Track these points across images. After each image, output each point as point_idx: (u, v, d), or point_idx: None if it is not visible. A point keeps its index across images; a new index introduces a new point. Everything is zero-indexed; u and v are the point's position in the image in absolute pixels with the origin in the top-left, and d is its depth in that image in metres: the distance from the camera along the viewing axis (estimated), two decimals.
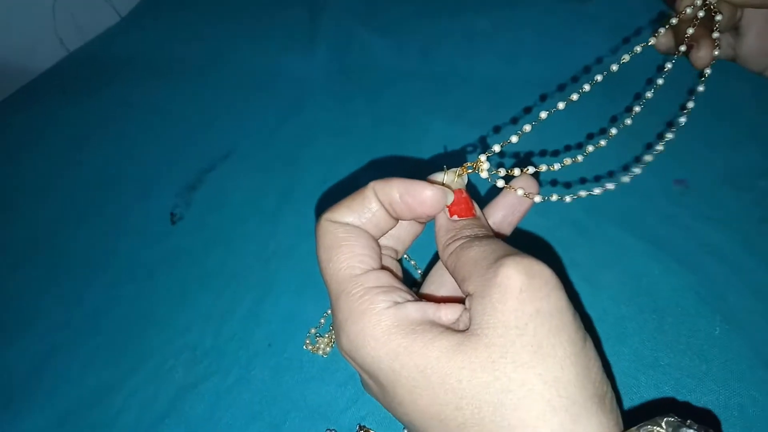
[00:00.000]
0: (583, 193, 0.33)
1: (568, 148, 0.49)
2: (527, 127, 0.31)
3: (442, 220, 0.28)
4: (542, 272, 0.23)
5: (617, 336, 0.35)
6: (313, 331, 0.42)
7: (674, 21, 0.35)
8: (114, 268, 0.52)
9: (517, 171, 0.30)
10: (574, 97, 0.33)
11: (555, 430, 0.20)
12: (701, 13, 0.35)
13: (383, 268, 0.27)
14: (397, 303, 0.25)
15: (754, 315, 0.35)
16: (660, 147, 0.34)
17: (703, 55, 0.37)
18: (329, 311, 0.42)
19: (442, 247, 0.28)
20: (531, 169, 0.30)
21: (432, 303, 0.25)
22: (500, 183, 0.30)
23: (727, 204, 0.41)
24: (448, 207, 0.28)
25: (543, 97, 0.55)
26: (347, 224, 0.27)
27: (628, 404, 0.33)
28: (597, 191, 0.33)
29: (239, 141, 0.60)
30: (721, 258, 0.38)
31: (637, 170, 0.35)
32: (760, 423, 0.31)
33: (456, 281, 0.26)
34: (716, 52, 0.37)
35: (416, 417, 0.23)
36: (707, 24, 0.37)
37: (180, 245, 0.52)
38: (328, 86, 0.64)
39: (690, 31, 0.35)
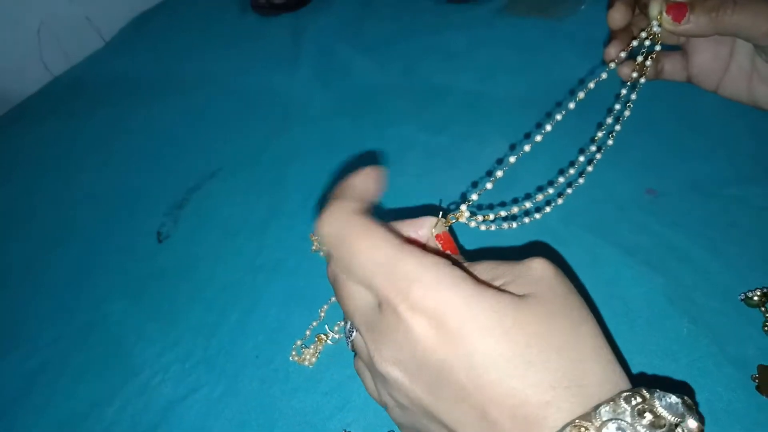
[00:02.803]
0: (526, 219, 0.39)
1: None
2: (499, 173, 0.34)
3: None
4: (557, 267, 0.27)
5: None
6: (299, 342, 0.43)
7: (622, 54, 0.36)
8: (103, 285, 0.52)
9: (491, 215, 0.34)
10: (548, 127, 0.35)
11: (601, 370, 0.23)
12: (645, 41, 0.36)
13: None
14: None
15: (720, 315, 0.36)
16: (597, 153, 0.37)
17: (625, 72, 0.40)
18: (314, 323, 0.44)
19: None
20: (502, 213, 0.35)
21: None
22: (482, 227, 0.34)
23: (695, 211, 0.43)
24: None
25: (520, 112, 0.57)
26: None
27: None
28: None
29: (225, 160, 0.62)
30: (689, 262, 0.40)
31: (581, 180, 0.38)
32: (726, 417, 0.32)
33: None
34: (641, 78, 0.37)
35: (478, 360, 0.24)
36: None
37: (168, 262, 0.53)
38: (312, 104, 0.66)
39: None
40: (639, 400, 0.22)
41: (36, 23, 0.87)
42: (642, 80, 0.37)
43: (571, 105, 0.36)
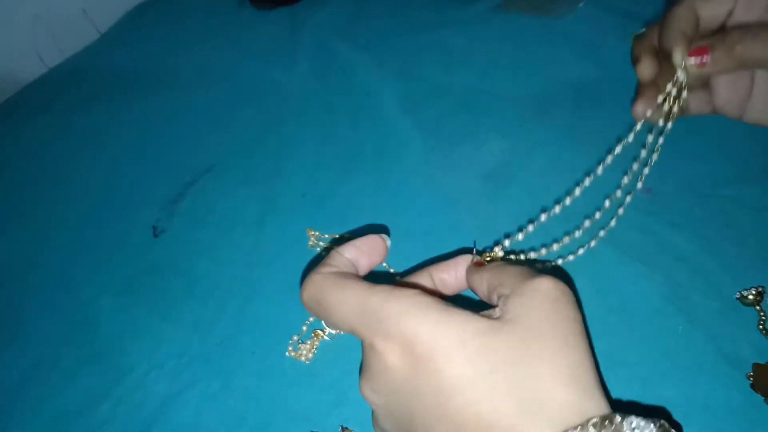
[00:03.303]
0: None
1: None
2: (530, 227, 0.38)
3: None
4: (568, 290, 0.28)
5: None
6: (295, 338, 0.43)
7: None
8: (98, 280, 0.52)
9: (522, 256, 0.38)
10: (586, 181, 0.39)
11: (574, 398, 0.24)
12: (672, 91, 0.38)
13: None
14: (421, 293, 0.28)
15: (715, 314, 0.37)
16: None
17: (639, 110, 0.40)
18: (311, 319, 0.44)
19: (471, 268, 0.34)
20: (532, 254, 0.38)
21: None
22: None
23: (692, 211, 0.43)
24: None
25: (517, 110, 0.57)
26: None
27: None
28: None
29: (221, 154, 0.62)
30: (685, 261, 0.40)
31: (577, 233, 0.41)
32: (722, 414, 0.32)
33: (484, 289, 0.31)
34: (660, 120, 0.39)
35: (445, 384, 0.25)
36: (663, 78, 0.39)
37: (163, 257, 0.53)
38: (309, 99, 0.66)
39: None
40: (609, 427, 0.22)
41: (30, 16, 0.86)
42: (669, 125, 0.39)
43: (609, 159, 0.39)
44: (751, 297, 0.36)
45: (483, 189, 0.50)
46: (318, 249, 0.49)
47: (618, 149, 0.38)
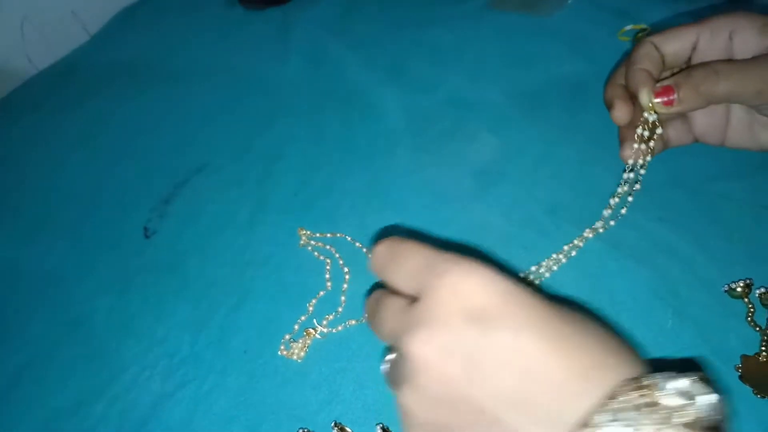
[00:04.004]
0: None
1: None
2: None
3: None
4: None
5: None
6: (287, 337, 0.43)
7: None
8: (89, 281, 0.52)
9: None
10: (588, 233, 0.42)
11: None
12: (645, 131, 0.39)
13: None
14: None
15: (704, 307, 0.37)
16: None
17: (626, 155, 0.40)
18: (303, 318, 0.44)
19: None
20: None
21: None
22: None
23: (680, 206, 0.43)
24: None
25: (508, 107, 0.57)
26: None
27: None
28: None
29: (212, 154, 0.61)
30: (673, 256, 0.40)
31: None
32: None
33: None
34: (640, 159, 0.40)
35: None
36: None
37: (155, 257, 0.53)
38: (300, 98, 0.66)
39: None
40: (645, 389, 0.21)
41: (19, 17, 0.86)
42: (649, 158, 0.40)
43: (606, 212, 0.42)
44: (739, 290, 0.36)
45: (474, 186, 0.50)
46: (309, 248, 0.49)
47: (617, 196, 0.41)
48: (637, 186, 0.40)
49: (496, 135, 0.54)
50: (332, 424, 0.36)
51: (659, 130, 0.38)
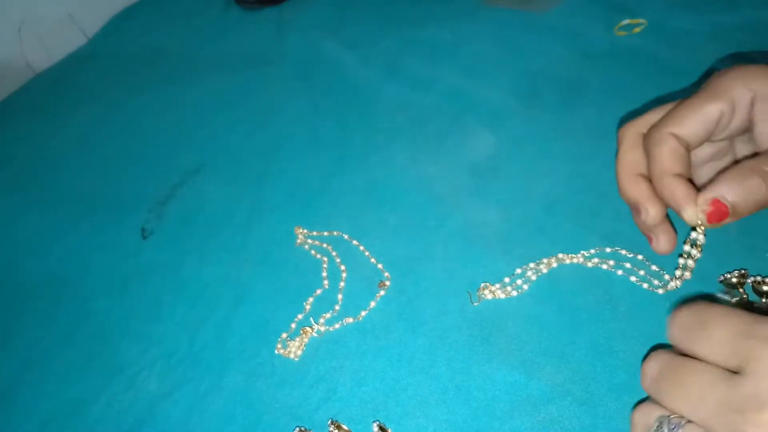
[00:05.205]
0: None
1: None
2: None
3: None
4: None
5: (573, 326, 0.37)
6: (284, 335, 0.43)
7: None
8: (87, 283, 0.52)
9: None
10: None
11: None
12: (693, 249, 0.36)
13: None
14: None
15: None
16: None
17: (662, 247, 0.37)
18: (300, 316, 0.44)
19: None
20: None
21: None
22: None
23: None
24: None
25: (504, 104, 0.57)
26: None
27: (584, 390, 0.34)
28: None
29: (209, 155, 0.62)
30: None
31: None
32: None
33: None
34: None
35: None
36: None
37: (153, 258, 0.53)
38: (296, 98, 0.66)
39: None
40: None
41: (17, 21, 0.86)
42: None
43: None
44: (734, 280, 0.36)
45: (471, 183, 0.50)
46: (306, 247, 0.49)
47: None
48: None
49: (492, 131, 0.54)
50: (329, 422, 0.36)
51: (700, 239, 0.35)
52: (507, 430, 0.34)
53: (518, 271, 0.41)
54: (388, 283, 0.44)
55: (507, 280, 0.41)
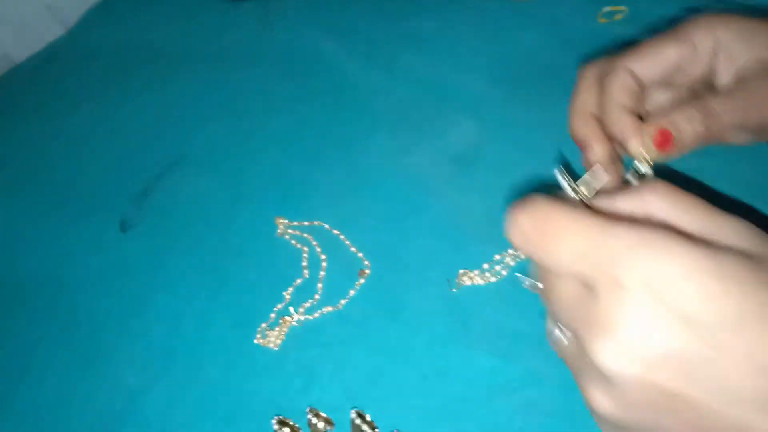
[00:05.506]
0: None
1: None
2: None
3: None
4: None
5: None
6: (264, 325, 0.43)
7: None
8: (65, 277, 0.51)
9: None
10: None
11: None
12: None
13: None
14: None
15: None
16: None
17: (595, 156, 0.35)
18: (279, 306, 0.43)
19: None
20: None
21: None
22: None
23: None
24: None
25: (486, 92, 0.57)
26: None
27: (561, 373, 0.34)
28: None
29: (189, 147, 0.61)
30: None
31: None
32: None
33: None
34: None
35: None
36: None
37: (132, 251, 0.52)
38: (276, 90, 0.65)
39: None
40: None
41: None
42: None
43: None
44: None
45: (452, 172, 0.50)
46: (287, 237, 0.48)
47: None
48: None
49: (474, 120, 0.54)
50: (307, 410, 0.36)
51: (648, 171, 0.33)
52: (486, 414, 0.34)
53: (497, 257, 0.41)
54: (368, 271, 0.44)
55: (486, 266, 0.41)
